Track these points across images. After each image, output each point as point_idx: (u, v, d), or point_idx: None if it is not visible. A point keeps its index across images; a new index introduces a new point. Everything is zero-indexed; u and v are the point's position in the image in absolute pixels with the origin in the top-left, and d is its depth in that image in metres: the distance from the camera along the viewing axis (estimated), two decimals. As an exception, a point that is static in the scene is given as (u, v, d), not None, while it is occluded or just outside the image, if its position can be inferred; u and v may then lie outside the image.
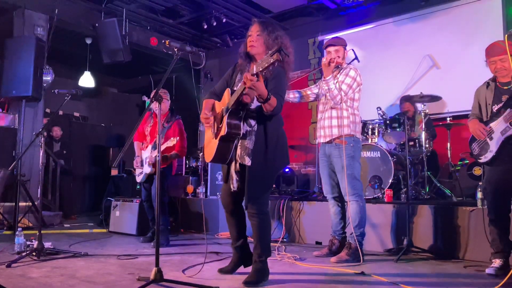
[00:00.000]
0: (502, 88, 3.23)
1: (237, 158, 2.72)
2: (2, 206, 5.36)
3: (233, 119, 2.61)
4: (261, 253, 2.79)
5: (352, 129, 3.73)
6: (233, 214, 2.97)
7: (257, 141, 2.69)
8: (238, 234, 3.00)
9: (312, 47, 7.68)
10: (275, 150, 2.75)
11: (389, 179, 4.70)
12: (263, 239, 2.81)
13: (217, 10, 7.07)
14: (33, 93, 5.91)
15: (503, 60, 3.14)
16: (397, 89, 6.28)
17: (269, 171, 2.78)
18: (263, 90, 2.46)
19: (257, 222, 2.77)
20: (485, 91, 3.33)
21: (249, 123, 2.68)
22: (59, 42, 7.53)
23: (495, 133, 3.17)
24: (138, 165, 4.77)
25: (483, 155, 3.23)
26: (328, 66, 3.68)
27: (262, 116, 2.67)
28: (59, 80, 7.76)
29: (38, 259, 3.55)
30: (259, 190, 2.76)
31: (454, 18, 6.05)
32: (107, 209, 5.92)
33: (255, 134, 2.69)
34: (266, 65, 2.31)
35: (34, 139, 4.10)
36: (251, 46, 2.75)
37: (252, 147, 2.67)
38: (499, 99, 3.21)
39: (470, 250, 3.73)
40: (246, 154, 2.67)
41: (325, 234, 4.36)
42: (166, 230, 4.62)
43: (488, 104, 3.27)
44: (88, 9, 7.00)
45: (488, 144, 3.20)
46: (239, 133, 2.64)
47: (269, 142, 2.71)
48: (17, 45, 6.04)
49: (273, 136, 2.74)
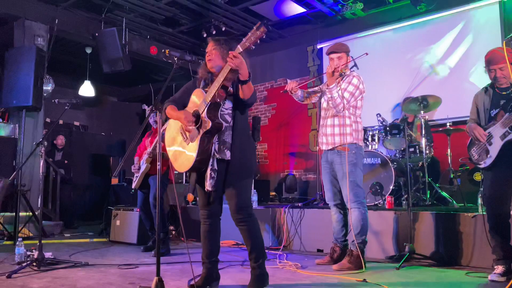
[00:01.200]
0: (501, 94, 3.23)
1: (215, 154, 2.67)
2: (2, 216, 5.34)
3: (212, 112, 2.62)
4: (257, 257, 2.75)
5: (355, 137, 3.72)
6: (212, 225, 2.85)
7: (234, 136, 2.71)
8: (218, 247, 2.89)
9: (311, 54, 7.72)
10: (250, 151, 2.80)
11: (390, 185, 4.70)
12: (257, 242, 2.77)
13: (216, 19, 7.12)
14: (34, 103, 5.92)
15: (503, 69, 3.15)
16: (396, 95, 6.30)
17: (248, 168, 2.77)
18: (246, 69, 2.50)
19: (247, 226, 2.73)
20: (483, 96, 3.34)
21: (225, 119, 2.69)
22: (59, 52, 7.58)
23: (494, 138, 3.16)
24: (135, 169, 4.76)
25: (482, 160, 3.22)
26: (332, 76, 3.65)
27: (236, 114, 2.73)
28: (59, 89, 7.81)
29: (39, 269, 3.53)
30: (240, 188, 2.70)
31: (453, 24, 6.09)
32: (108, 218, 5.90)
33: (231, 129, 2.71)
34: (254, 39, 2.38)
35: (34, 149, 4.10)
36: (208, 60, 2.79)
37: (230, 141, 2.68)
38: (497, 104, 3.22)
39: (472, 256, 3.71)
40: (226, 148, 2.68)
41: (326, 241, 4.35)
42: (166, 239, 4.61)
43: (486, 109, 3.27)
44: (88, 19, 7.05)
45: (487, 149, 3.20)
46: (221, 124, 2.64)
47: (245, 140, 2.76)
48: (18, 55, 6.06)
49: (247, 134, 2.80)
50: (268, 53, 8.27)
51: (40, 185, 4.28)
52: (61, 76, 8.64)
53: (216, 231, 2.86)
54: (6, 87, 6.00)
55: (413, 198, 4.76)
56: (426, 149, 4.87)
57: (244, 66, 2.49)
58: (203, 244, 2.85)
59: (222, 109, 2.68)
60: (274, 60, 8.30)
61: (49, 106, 6.73)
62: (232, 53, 2.44)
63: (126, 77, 8.46)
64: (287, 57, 8.16)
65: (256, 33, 2.37)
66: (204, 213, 2.84)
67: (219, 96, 2.64)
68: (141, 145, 4.97)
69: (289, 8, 6.89)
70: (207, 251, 2.84)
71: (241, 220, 2.72)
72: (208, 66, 2.79)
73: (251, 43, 2.41)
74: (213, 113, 2.62)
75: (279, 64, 8.29)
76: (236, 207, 2.70)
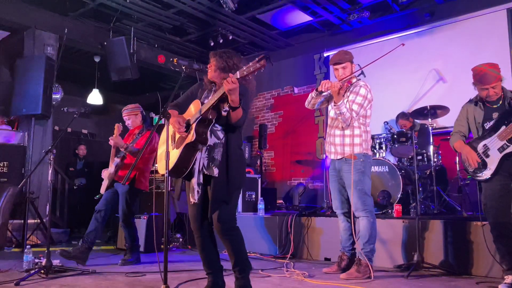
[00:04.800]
0: (491, 107, 3.27)
1: (203, 169, 2.67)
2: (11, 224, 5.38)
3: (201, 127, 2.64)
4: (242, 268, 2.70)
5: (364, 147, 3.70)
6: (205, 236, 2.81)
7: (224, 154, 2.71)
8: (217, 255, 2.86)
9: (318, 62, 7.73)
10: (239, 166, 2.78)
11: (398, 193, 4.66)
12: (240, 253, 2.73)
13: (223, 28, 7.17)
14: (43, 111, 5.99)
15: (495, 87, 3.19)
16: (404, 103, 6.28)
17: (235, 184, 2.74)
18: (237, 96, 2.53)
19: (230, 238, 2.70)
20: (473, 109, 3.36)
21: (217, 135, 2.70)
22: (68, 61, 7.67)
23: (491, 150, 3.18)
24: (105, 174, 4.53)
25: (480, 173, 3.23)
26: (338, 94, 3.60)
27: (229, 131, 2.73)
28: (68, 97, 7.88)
29: (47, 276, 3.54)
30: (226, 204, 2.68)
31: (460, 32, 6.08)
32: (115, 226, 5.92)
33: (223, 146, 2.71)
34: (253, 70, 2.40)
35: (43, 156, 4.12)
36: (210, 72, 2.85)
37: (220, 158, 2.68)
38: (489, 117, 3.26)
39: (482, 265, 3.67)
40: (215, 165, 2.66)
41: (334, 250, 4.32)
42: (134, 248, 4.46)
43: (478, 123, 3.31)
44: (96, 28, 7.14)
45: (485, 161, 3.20)
46: (205, 142, 2.64)
47: (235, 156, 2.75)
48: (28, 64, 6.15)
49: (237, 151, 2.79)
50: (275, 61, 8.25)
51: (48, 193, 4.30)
52: (69, 84, 8.73)
53: (210, 241, 2.83)
54: (16, 95, 6.08)
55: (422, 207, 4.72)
56: (434, 157, 4.84)
57: (237, 93, 2.49)
58: (201, 255, 2.83)
59: (216, 125, 2.69)
60: (281, 68, 8.32)
61: (57, 114, 6.80)
62: (231, 76, 2.45)
63: (134, 85, 8.53)
64: (294, 65, 8.18)
65: (256, 65, 2.40)
66: (195, 226, 2.81)
67: (211, 114, 2.66)
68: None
69: (295, 16, 6.92)
70: (206, 261, 2.82)
71: (225, 233, 2.68)
72: (209, 76, 2.85)
73: (249, 73, 2.43)
74: (202, 128, 2.63)
75: (286, 72, 8.31)
76: (220, 220, 2.66)
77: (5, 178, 5.71)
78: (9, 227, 5.39)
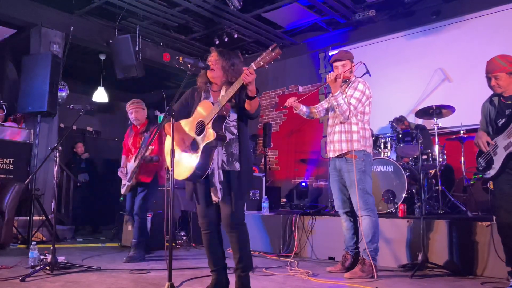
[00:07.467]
0: (505, 103, 3.17)
1: (224, 166, 2.69)
2: (16, 220, 5.41)
3: (217, 125, 2.67)
4: (245, 266, 2.73)
5: (362, 144, 3.70)
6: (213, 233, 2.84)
7: (241, 148, 2.76)
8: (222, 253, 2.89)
9: (323, 61, 7.72)
10: (252, 160, 2.87)
11: (403, 193, 4.65)
12: (247, 251, 2.76)
13: (228, 26, 7.17)
14: (49, 109, 6.01)
15: (497, 78, 3.12)
16: (409, 102, 6.26)
17: (252, 178, 2.83)
18: (254, 86, 2.58)
19: (239, 233, 2.72)
20: (488, 106, 3.30)
21: (231, 131, 2.74)
22: (74, 59, 7.69)
23: (499, 148, 3.11)
24: (123, 174, 4.60)
25: (487, 171, 3.18)
26: (335, 82, 3.66)
27: (240, 126, 2.78)
28: (73, 95, 7.92)
29: (52, 273, 3.56)
30: (242, 199, 2.75)
31: (466, 31, 6.04)
32: (120, 223, 5.94)
33: (237, 141, 2.76)
34: (268, 59, 2.46)
35: (49, 154, 4.14)
36: (212, 70, 2.82)
37: (239, 152, 2.73)
38: (503, 114, 3.16)
39: (487, 266, 3.65)
40: (235, 159, 2.71)
41: (338, 249, 4.32)
42: (142, 245, 4.51)
43: (492, 119, 3.23)
44: (102, 26, 7.16)
45: (492, 159, 3.14)
46: (225, 138, 2.68)
47: (249, 150, 2.82)
48: (34, 62, 6.18)
49: (249, 146, 2.85)
50: (280, 60, 8.27)
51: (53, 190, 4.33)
52: (75, 82, 8.75)
53: (217, 239, 2.86)
54: (22, 92, 6.11)
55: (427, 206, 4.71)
56: (439, 156, 4.81)
57: (254, 83, 2.55)
58: (207, 252, 2.86)
59: (228, 122, 2.72)
60: (286, 66, 8.31)
61: (63, 112, 6.83)
62: (247, 69, 2.49)
63: (139, 83, 8.55)
64: (299, 63, 8.16)
65: (271, 53, 2.44)
66: (204, 222, 2.83)
67: (225, 110, 2.68)
68: (125, 142, 4.78)
69: (301, 15, 6.91)
70: (212, 259, 2.84)
71: (235, 227, 2.70)
72: (209, 75, 2.83)
73: (266, 63, 2.48)
74: (218, 126, 2.66)
75: (291, 71, 8.30)
76: (235, 213, 2.69)
77: (11, 175, 5.75)
78: (15, 224, 5.42)
